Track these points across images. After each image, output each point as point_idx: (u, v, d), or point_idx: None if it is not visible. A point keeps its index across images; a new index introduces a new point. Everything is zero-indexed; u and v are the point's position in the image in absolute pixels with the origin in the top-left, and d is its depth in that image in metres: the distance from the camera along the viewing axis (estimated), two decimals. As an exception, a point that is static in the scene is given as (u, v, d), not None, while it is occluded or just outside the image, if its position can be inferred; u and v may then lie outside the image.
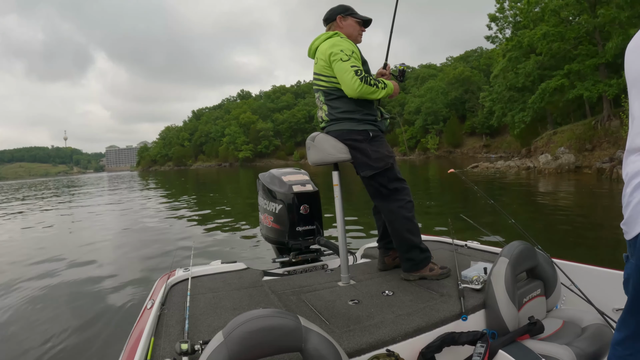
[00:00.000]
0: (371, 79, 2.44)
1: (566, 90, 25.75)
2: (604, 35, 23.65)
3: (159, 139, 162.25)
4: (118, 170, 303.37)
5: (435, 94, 69.76)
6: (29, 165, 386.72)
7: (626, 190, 1.33)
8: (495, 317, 2.02)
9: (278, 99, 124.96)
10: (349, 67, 2.40)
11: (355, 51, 2.50)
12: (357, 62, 2.45)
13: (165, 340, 1.81)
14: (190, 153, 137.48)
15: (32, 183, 76.75)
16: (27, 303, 5.25)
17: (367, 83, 2.40)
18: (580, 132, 24.43)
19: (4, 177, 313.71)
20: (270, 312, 1.34)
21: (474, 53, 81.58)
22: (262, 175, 3.58)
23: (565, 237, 7.02)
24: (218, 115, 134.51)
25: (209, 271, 2.89)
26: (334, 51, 2.45)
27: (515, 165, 26.47)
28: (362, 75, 2.40)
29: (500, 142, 54.73)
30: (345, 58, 2.41)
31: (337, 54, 2.44)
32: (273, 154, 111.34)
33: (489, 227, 6.82)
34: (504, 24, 32.77)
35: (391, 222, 2.57)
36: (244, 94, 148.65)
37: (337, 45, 2.48)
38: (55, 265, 7.21)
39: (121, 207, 17.41)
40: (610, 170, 17.12)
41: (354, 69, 2.39)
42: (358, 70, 2.40)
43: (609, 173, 17.09)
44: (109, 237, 9.97)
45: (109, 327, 4.28)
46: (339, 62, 2.42)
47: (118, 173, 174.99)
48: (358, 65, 2.43)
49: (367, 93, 2.43)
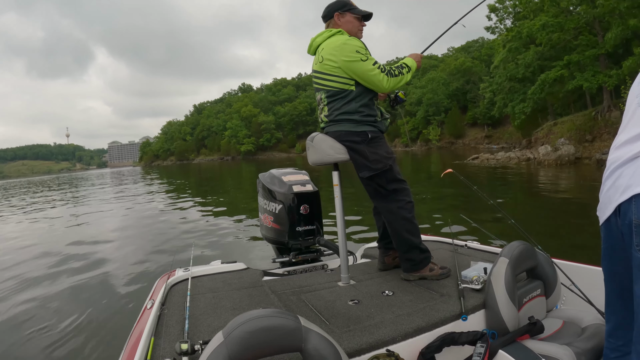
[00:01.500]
0: (393, 69, 2.45)
1: (566, 81, 25.64)
2: (604, 25, 23.53)
3: (161, 134, 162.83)
4: (121, 165, 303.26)
5: (436, 84, 69.59)
6: (32, 163, 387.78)
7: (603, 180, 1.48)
8: (495, 317, 2.02)
9: (279, 91, 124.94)
10: (371, 65, 2.39)
11: (363, 46, 2.47)
12: (372, 57, 2.45)
13: (165, 340, 1.82)
14: (192, 147, 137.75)
15: (39, 181, 76.78)
16: (27, 302, 5.29)
17: (393, 75, 2.43)
18: (580, 123, 24.41)
19: (7, 176, 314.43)
20: (270, 312, 1.34)
21: (475, 43, 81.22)
22: (262, 176, 3.57)
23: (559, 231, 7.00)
24: (219, 109, 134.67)
25: (209, 271, 2.89)
26: (348, 52, 2.40)
27: (516, 156, 26.32)
28: (386, 70, 2.41)
29: (502, 133, 54.59)
30: (365, 58, 2.39)
31: (354, 55, 2.39)
32: (275, 146, 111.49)
33: (489, 226, 6.83)
34: (503, 14, 32.52)
35: (391, 223, 2.56)
36: (245, 87, 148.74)
37: (348, 44, 2.42)
38: (55, 264, 7.25)
39: (122, 205, 17.44)
40: (610, 161, 17.06)
41: (376, 66, 2.40)
42: (380, 66, 2.41)
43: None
44: (109, 237, 9.98)
45: (108, 327, 4.30)
46: (360, 63, 2.39)
47: (121, 169, 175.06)
48: (374, 59, 2.44)
49: (397, 84, 2.46)
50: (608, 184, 1.47)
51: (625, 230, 1.38)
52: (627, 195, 1.35)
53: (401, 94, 2.80)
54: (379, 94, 2.64)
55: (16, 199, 26.83)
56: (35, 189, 41.03)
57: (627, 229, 1.37)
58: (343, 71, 2.44)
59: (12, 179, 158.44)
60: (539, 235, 5.63)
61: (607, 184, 1.48)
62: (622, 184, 1.39)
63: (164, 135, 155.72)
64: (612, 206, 1.43)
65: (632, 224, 1.33)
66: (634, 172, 1.35)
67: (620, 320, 1.56)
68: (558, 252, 2.79)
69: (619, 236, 1.44)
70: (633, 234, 1.33)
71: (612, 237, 1.48)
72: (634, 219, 1.32)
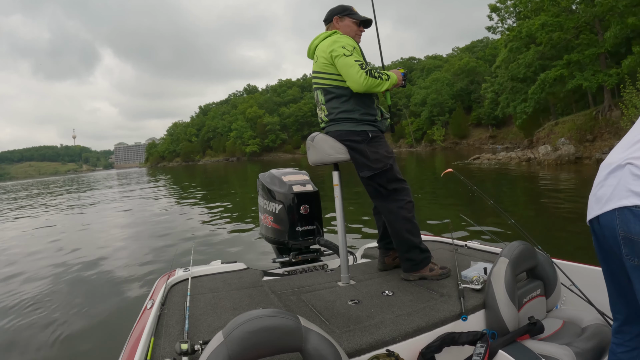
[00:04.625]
0: (375, 72, 2.44)
1: (566, 81, 25.53)
2: (604, 24, 23.36)
3: (166, 135, 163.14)
4: (127, 167, 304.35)
5: (440, 85, 69.40)
6: (39, 164, 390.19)
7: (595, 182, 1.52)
8: (495, 317, 2.01)
9: (284, 92, 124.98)
10: (353, 61, 2.39)
11: (355, 47, 2.49)
12: (359, 57, 2.45)
13: (165, 340, 1.82)
14: (198, 148, 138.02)
15: (50, 181, 77.20)
16: (26, 301, 5.32)
17: (372, 76, 2.41)
18: (581, 123, 24.28)
19: (14, 177, 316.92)
20: (270, 312, 1.34)
21: (480, 43, 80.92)
22: (262, 175, 3.58)
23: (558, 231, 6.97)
24: (225, 110, 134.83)
25: (209, 271, 2.90)
26: (335, 48, 2.45)
27: (517, 156, 26.22)
28: (367, 69, 2.40)
29: (507, 133, 54.41)
30: (348, 53, 2.41)
31: (339, 50, 2.43)
32: (280, 147, 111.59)
33: (489, 226, 6.80)
34: (505, 14, 32.41)
35: (391, 223, 2.56)
36: (250, 89, 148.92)
37: (338, 41, 2.47)
38: (55, 264, 7.30)
39: (123, 205, 17.55)
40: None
41: (358, 63, 2.39)
42: (362, 64, 2.40)
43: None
44: (109, 236, 10.03)
45: (108, 326, 4.32)
46: (342, 58, 2.41)
47: (127, 170, 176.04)
48: (361, 59, 2.44)
49: (373, 86, 2.43)
50: (594, 190, 1.48)
51: (609, 237, 1.40)
52: (608, 208, 1.36)
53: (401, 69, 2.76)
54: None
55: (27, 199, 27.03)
56: (38, 189, 41.32)
57: (612, 239, 1.38)
58: (336, 68, 2.47)
59: (19, 180, 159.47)
60: (538, 236, 5.61)
61: (594, 189, 1.49)
62: (604, 195, 1.40)
63: (170, 137, 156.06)
64: (593, 213, 1.45)
65: (617, 236, 1.34)
66: (618, 183, 1.36)
67: (625, 317, 1.56)
68: (558, 252, 2.78)
69: (602, 239, 1.45)
70: (621, 246, 1.34)
71: (598, 239, 1.50)
72: (620, 232, 1.33)
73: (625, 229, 1.31)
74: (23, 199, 28.59)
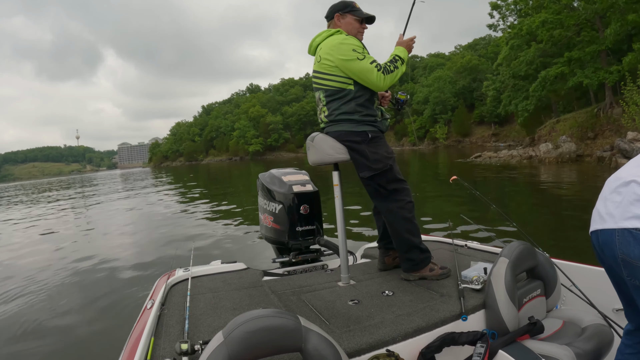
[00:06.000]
0: (388, 65, 2.44)
1: (567, 78, 25.45)
2: (605, 22, 23.27)
3: (170, 135, 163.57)
4: (130, 167, 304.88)
5: (443, 83, 69.35)
6: (43, 165, 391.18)
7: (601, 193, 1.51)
8: (495, 317, 2.01)
9: (287, 91, 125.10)
10: (369, 65, 2.38)
11: (361, 45, 2.47)
12: (370, 56, 2.44)
13: (165, 340, 1.82)
14: (201, 148, 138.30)
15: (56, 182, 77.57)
16: (26, 301, 5.36)
17: (389, 72, 2.41)
18: (582, 120, 24.23)
19: (18, 178, 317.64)
20: (270, 312, 1.34)
21: (482, 41, 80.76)
22: (262, 175, 3.58)
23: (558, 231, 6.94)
24: (228, 109, 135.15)
25: (209, 271, 2.90)
26: (345, 51, 2.40)
27: (518, 154, 26.15)
28: (382, 67, 2.40)
29: (509, 131, 54.27)
30: (361, 57, 2.38)
31: (351, 54, 2.39)
32: (283, 146, 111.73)
33: (489, 226, 6.78)
34: (505, 11, 32.29)
35: (391, 223, 2.55)
36: (253, 88, 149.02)
37: (345, 44, 2.42)
38: (55, 264, 7.33)
39: (125, 205, 17.60)
40: (610, 158, 16.87)
41: (374, 65, 2.39)
42: (377, 64, 2.40)
43: (608, 162, 16.84)
44: (110, 236, 10.07)
45: (108, 326, 4.33)
46: (356, 62, 2.38)
47: (130, 170, 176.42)
48: (372, 58, 2.43)
49: (394, 80, 2.45)
50: (599, 203, 1.47)
51: (608, 256, 1.40)
52: (608, 226, 1.36)
53: (401, 96, 2.78)
54: (381, 99, 2.65)
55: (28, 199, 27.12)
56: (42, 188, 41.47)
57: (612, 259, 1.38)
58: (341, 70, 2.44)
59: (24, 181, 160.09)
60: (538, 235, 5.60)
61: (598, 202, 1.48)
62: (607, 211, 1.40)
63: (173, 137, 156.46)
64: (595, 226, 1.45)
65: (617, 257, 1.35)
66: (621, 202, 1.35)
67: (638, 325, 1.56)
68: (558, 252, 2.78)
69: (602, 255, 1.46)
70: (621, 267, 1.35)
71: (598, 254, 1.51)
72: (619, 254, 1.33)
73: (625, 251, 1.31)
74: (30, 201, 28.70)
